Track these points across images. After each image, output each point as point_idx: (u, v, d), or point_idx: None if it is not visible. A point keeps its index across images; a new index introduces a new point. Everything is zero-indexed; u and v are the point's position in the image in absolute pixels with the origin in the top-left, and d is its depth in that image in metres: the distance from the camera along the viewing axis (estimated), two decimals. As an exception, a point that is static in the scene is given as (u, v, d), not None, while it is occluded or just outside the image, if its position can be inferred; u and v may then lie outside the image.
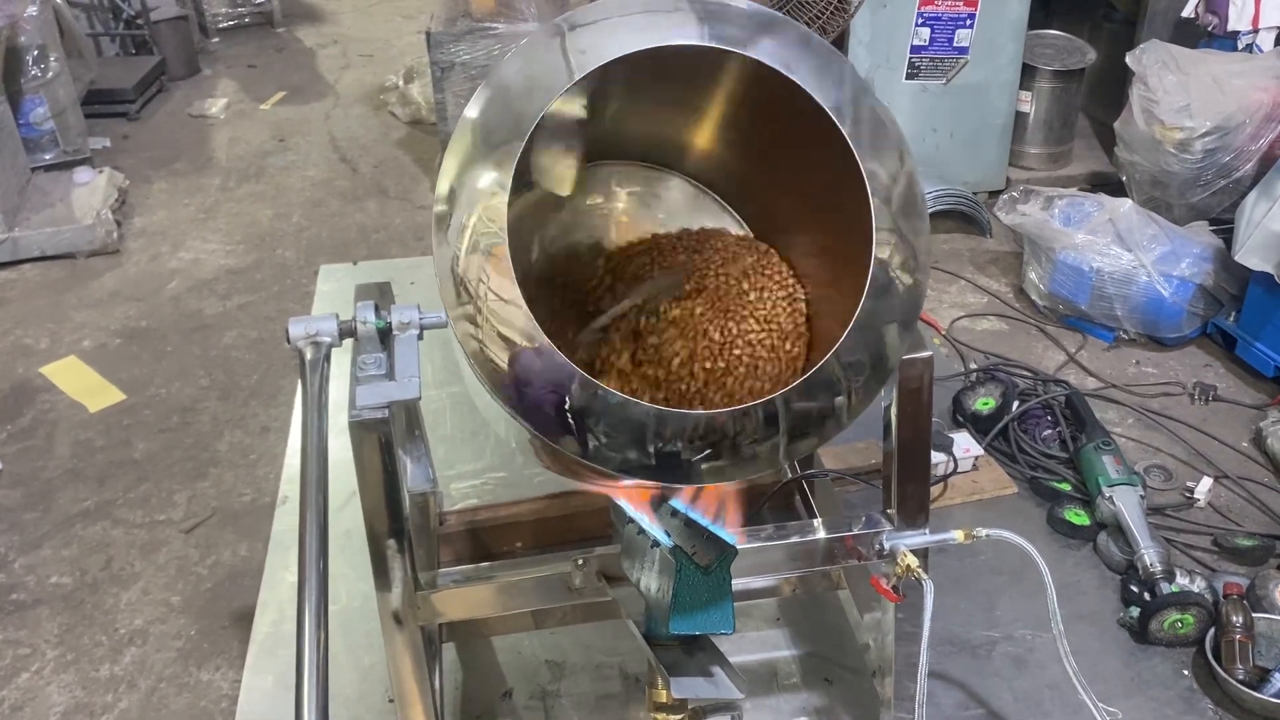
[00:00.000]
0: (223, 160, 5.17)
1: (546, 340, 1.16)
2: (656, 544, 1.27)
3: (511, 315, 1.16)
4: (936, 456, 2.64)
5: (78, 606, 2.60)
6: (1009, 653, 2.24)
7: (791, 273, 1.50)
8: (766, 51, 1.23)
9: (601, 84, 1.19)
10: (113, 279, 4.12)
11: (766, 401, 1.23)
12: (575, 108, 1.25)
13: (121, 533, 2.83)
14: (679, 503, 1.32)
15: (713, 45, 1.22)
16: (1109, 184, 4.21)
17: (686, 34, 1.23)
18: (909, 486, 1.54)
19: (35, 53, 4.55)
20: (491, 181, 1.18)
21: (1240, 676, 2.13)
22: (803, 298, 1.47)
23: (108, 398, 3.39)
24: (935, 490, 2.62)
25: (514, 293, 1.16)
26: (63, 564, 2.73)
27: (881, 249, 1.24)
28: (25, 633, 2.52)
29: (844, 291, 1.28)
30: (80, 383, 3.48)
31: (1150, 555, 2.35)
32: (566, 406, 1.17)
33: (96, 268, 4.19)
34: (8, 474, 3.05)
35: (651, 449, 1.20)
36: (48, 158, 4.69)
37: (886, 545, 1.56)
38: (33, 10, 4.51)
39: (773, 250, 1.52)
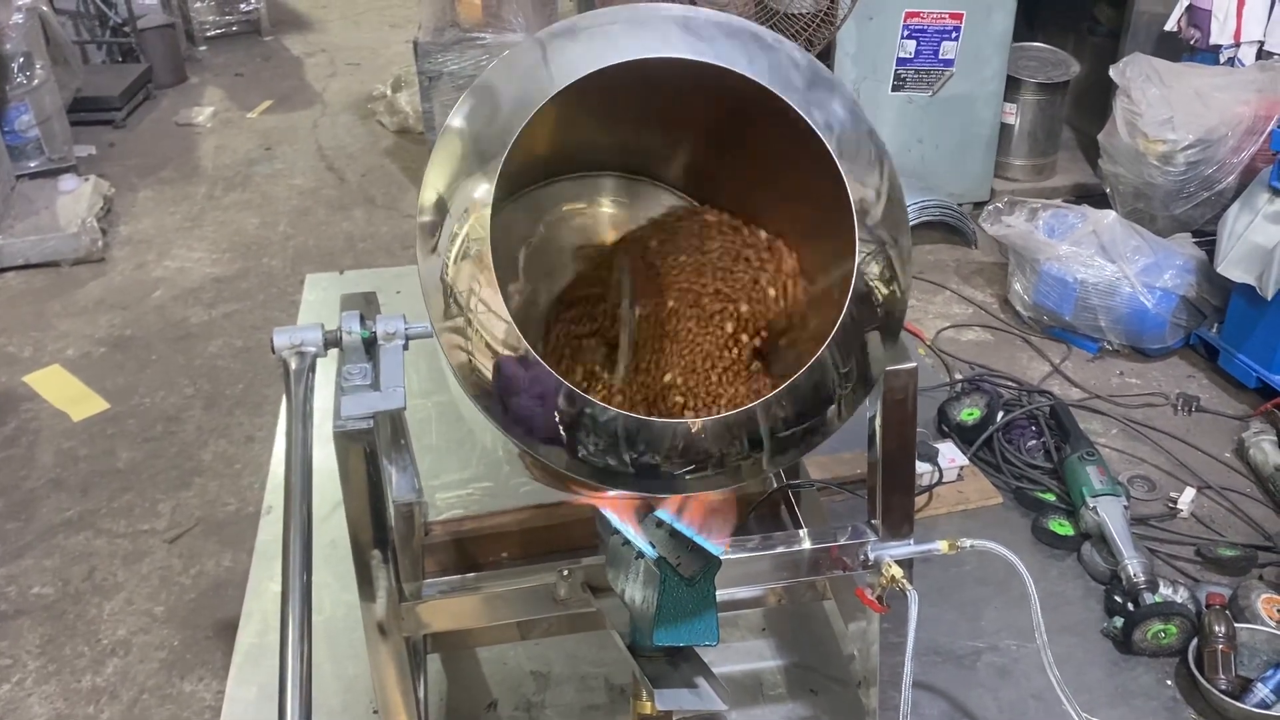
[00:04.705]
0: (209, 168, 5.16)
1: (531, 351, 1.16)
2: (641, 555, 1.27)
3: (496, 326, 1.16)
4: (922, 467, 2.65)
5: (60, 617, 2.58)
6: (994, 663, 2.24)
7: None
8: (747, 64, 1.24)
9: (584, 95, 1.19)
10: (97, 287, 4.10)
11: (750, 410, 1.23)
12: (558, 119, 1.26)
13: (104, 542, 2.81)
14: (664, 513, 1.32)
15: (693, 59, 1.23)
16: (1093, 196, 4.24)
17: (668, 47, 1.23)
18: (894, 497, 1.55)
19: (20, 60, 4.54)
20: (475, 192, 1.18)
21: (1223, 686, 2.14)
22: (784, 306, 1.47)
23: (91, 407, 3.37)
24: (921, 500, 2.63)
25: (499, 303, 1.16)
26: (45, 574, 2.71)
27: (864, 259, 1.25)
28: (6, 643, 2.50)
29: (827, 301, 1.29)
30: (64, 391, 3.46)
31: (1134, 565, 2.37)
32: (551, 418, 1.17)
33: (81, 276, 4.17)
34: (-10, 483, 3.03)
35: (635, 459, 1.20)
36: (33, 165, 4.67)
37: (871, 556, 1.56)
38: (18, 18, 4.50)
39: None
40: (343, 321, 1.38)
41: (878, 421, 1.48)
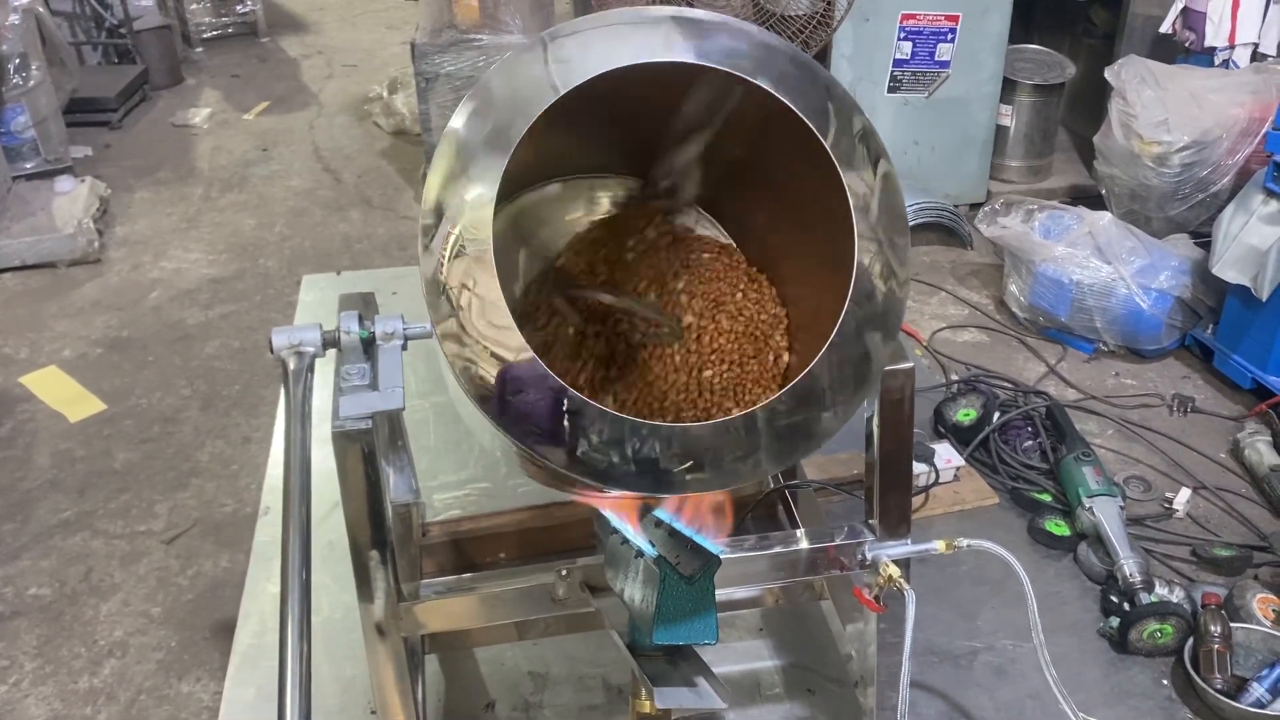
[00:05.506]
0: (205, 170, 5.16)
1: (531, 352, 1.16)
2: (640, 554, 1.27)
3: (497, 327, 1.17)
4: (918, 467, 2.65)
5: (57, 618, 2.58)
6: (990, 663, 2.25)
7: (771, 284, 1.51)
8: (747, 66, 1.24)
9: (584, 97, 1.19)
10: (94, 288, 4.10)
11: (751, 413, 1.24)
12: (558, 121, 1.26)
13: (101, 543, 2.81)
14: (663, 513, 1.32)
15: (693, 61, 1.23)
16: (1088, 197, 4.25)
17: (668, 49, 1.23)
18: (891, 497, 1.55)
19: (16, 61, 4.53)
20: (477, 194, 1.19)
21: (1218, 686, 2.15)
22: (783, 309, 1.48)
23: (88, 408, 3.37)
24: (917, 501, 2.63)
25: (500, 304, 1.16)
26: (41, 575, 2.71)
27: (863, 257, 1.25)
28: (3, 645, 2.50)
29: (826, 302, 1.29)
30: (60, 392, 3.45)
31: (1130, 566, 2.37)
32: (550, 418, 1.17)
33: (77, 277, 4.17)
34: (-14, 484, 3.03)
35: (635, 461, 1.20)
36: (29, 166, 4.67)
37: (869, 555, 1.57)
38: (14, 19, 4.50)
39: (751, 262, 1.53)
40: (341, 321, 1.38)
41: (875, 422, 1.49)
